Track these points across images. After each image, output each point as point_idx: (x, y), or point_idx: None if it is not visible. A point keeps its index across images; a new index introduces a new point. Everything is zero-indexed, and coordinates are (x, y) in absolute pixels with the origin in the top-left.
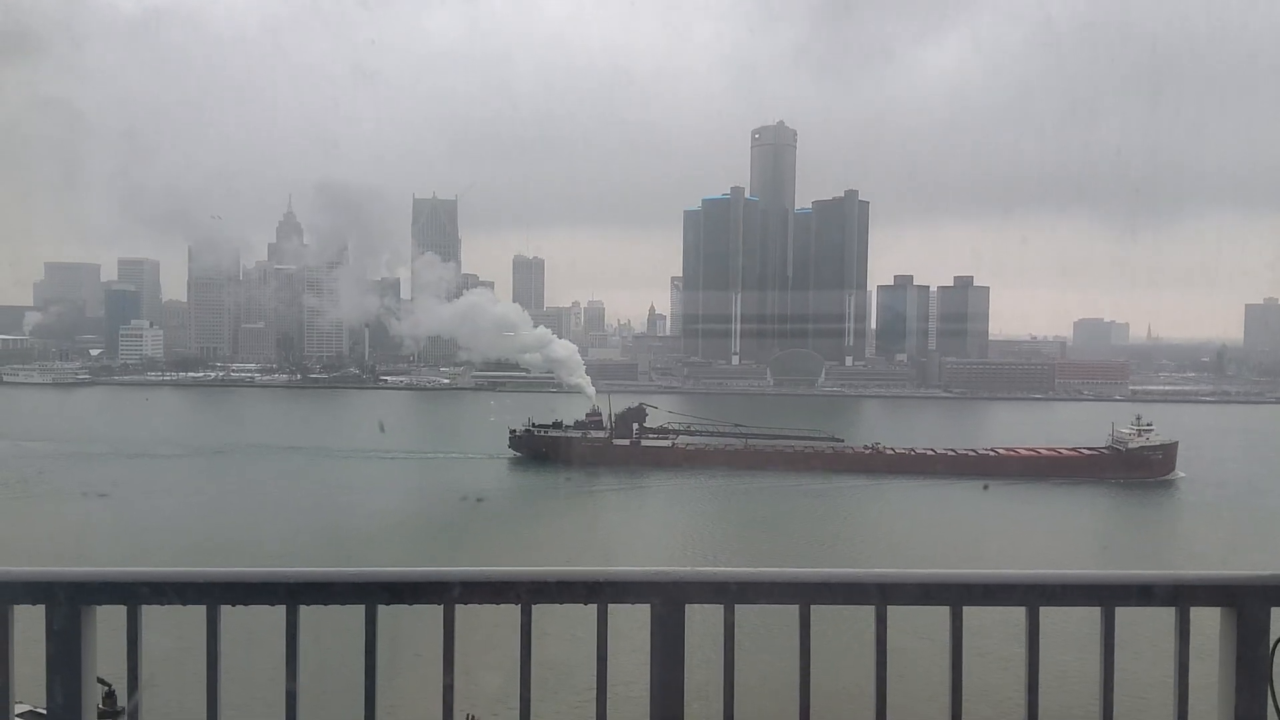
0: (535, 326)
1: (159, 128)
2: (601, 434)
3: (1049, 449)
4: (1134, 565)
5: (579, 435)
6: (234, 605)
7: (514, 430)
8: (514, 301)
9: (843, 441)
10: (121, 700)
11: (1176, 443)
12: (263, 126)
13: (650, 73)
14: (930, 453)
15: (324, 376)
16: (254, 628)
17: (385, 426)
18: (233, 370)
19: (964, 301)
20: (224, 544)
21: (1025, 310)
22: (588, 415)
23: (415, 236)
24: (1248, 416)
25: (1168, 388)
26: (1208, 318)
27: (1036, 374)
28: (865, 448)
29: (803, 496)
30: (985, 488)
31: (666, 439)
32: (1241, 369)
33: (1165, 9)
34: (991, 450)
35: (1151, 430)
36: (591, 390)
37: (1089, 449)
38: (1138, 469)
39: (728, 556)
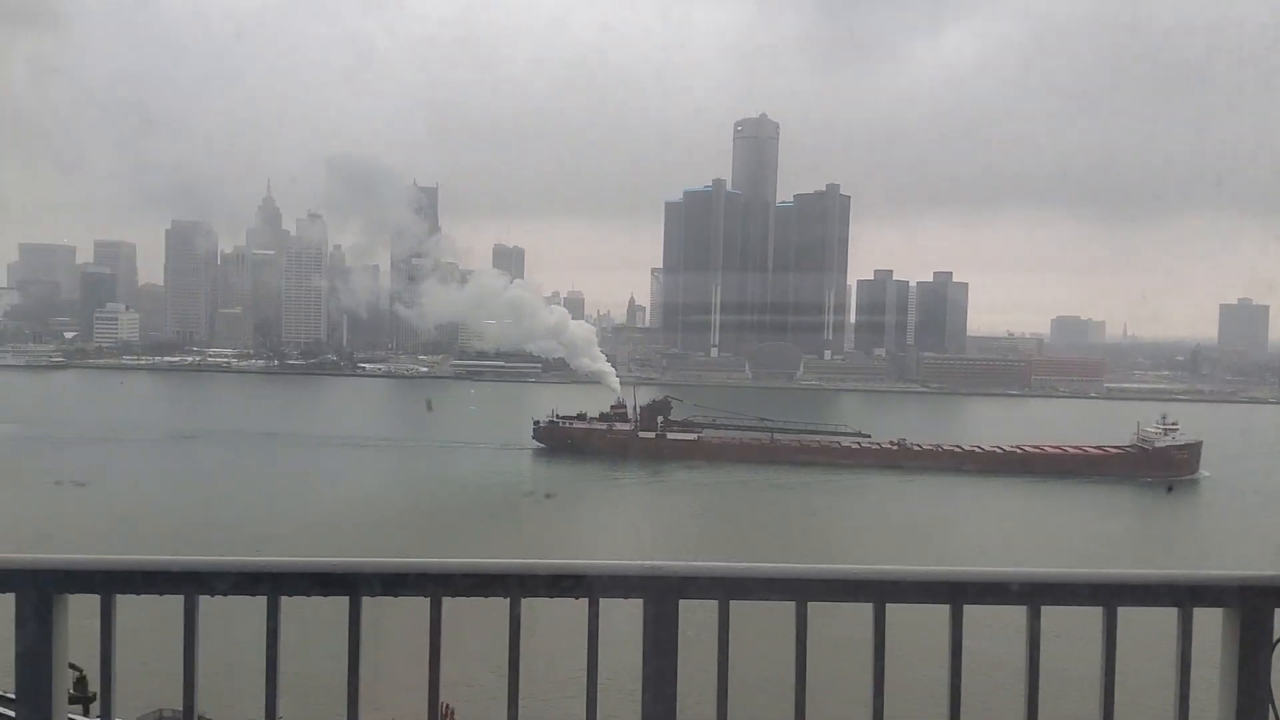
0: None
1: (148, 108)
2: (626, 427)
3: (1076, 447)
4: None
5: (604, 428)
6: (211, 595)
7: (538, 421)
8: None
9: (869, 436)
10: (94, 686)
11: (1200, 442)
12: (249, 110)
13: (645, 62)
14: (958, 449)
15: (301, 363)
16: (234, 618)
17: (432, 405)
18: (209, 355)
19: (943, 297)
20: (205, 530)
21: (1004, 306)
22: (613, 407)
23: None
24: (1225, 415)
25: (1142, 385)
26: (1183, 317)
27: (1013, 370)
28: (891, 443)
29: (833, 492)
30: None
31: (692, 433)
32: (1215, 369)
33: (1164, 8)
34: (1019, 447)
35: (1177, 429)
36: (615, 382)
37: (1115, 447)
38: (1164, 468)
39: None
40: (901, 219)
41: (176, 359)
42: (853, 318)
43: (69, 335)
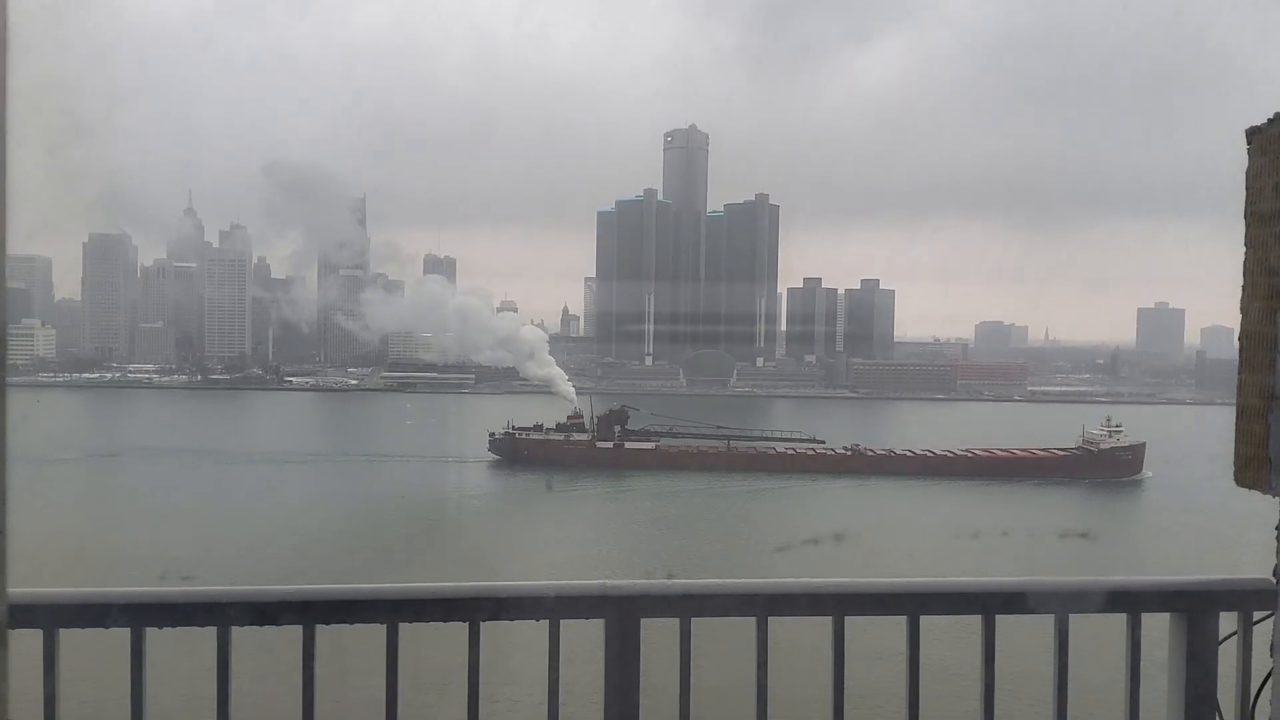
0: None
1: (74, 116)
2: (584, 437)
3: (1023, 450)
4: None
5: (562, 438)
6: (160, 628)
7: (494, 434)
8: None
9: (824, 442)
10: None
11: (1144, 444)
12: (174, 119)
13: (577, 73)
14: (909, 453)
15: (225, 377)
16: (182, 651)
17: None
18: (130, 371)
19: (870, 304)
20: (152, 558)
21: (929, 313)
22: (569, 418)
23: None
24: (1146, 417)
25: (1064, 389)
26: (1103, 321)
27: (939, 375)
28: (845, 449)
29: (794, 498)
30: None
31: (650, 441)
32: (1134, 371)
33: (1083, 21)
34: (968, 451)
35: (1121, 431)
36: (569, 389)
37: (1061, 449)
38: (1109, 469)
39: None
40: (830, 227)
41: (95, 375)
42: (784, 325)
43: None
